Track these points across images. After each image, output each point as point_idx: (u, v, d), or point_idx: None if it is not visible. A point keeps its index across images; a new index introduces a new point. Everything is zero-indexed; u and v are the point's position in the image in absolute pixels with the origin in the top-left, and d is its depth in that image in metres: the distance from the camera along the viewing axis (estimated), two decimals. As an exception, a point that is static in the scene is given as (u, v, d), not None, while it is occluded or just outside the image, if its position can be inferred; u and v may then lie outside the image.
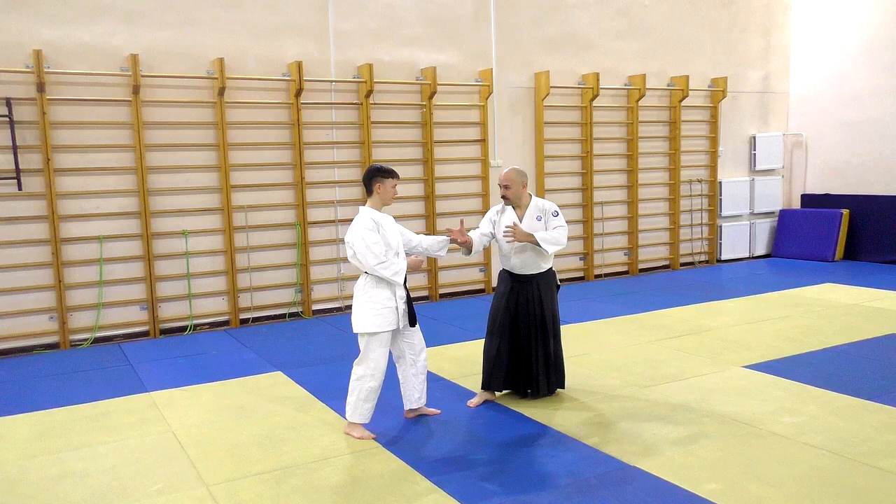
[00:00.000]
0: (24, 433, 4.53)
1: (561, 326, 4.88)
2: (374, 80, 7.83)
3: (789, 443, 3.96)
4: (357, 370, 4.26)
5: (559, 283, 4.91)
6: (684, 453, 3.87)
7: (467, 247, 4.60)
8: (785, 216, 11.09)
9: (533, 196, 4.76)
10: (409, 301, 4.33)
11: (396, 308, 4.23)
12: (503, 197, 4.68)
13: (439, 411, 4.61)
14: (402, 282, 4.24)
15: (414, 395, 4.50)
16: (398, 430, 4.38)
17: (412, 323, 4.34)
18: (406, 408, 4.55)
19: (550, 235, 4.58)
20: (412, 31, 8.29)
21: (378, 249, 4.13)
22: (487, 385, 4.77)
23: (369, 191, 4.33)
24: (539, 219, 4.65)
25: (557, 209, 4.72)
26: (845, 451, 3.82)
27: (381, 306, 4.19)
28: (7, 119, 6.41)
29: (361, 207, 4.33)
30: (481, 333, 6.62)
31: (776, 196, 11.16)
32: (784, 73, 11.14)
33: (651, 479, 3.58)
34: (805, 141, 11.14)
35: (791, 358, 5.57)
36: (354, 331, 4.26)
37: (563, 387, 4.86)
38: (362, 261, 4.15)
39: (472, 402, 4.77)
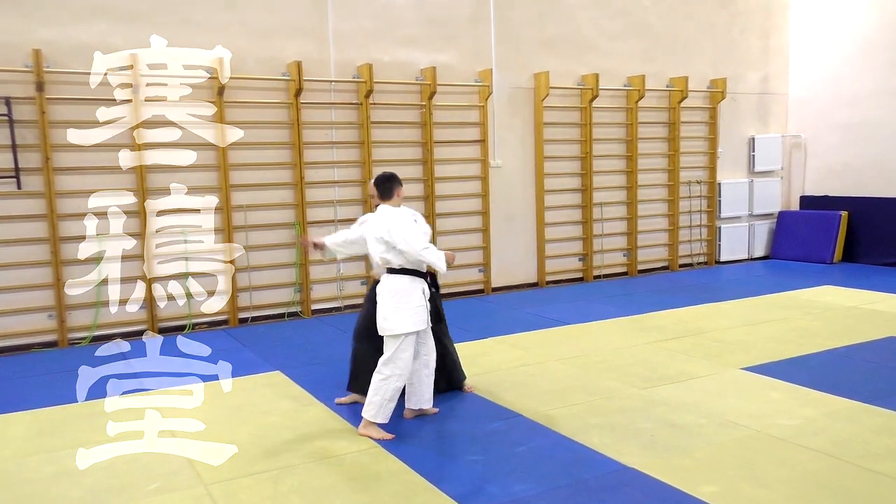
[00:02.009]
0: (22, 431, 4.53)
1: (449, 330, 5.00)
2: (374, 81, 7.83)
3: (787, 445, 3.96)
4: (384, 370, 4.26)
5: (436, 288, 4.57)
6: (682, 455, 3.88)
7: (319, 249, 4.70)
8: (784, 218, 11.10)
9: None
10: (434, 298, 4.48)
11: (426, 306, 4.34)
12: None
13: (437, 409, 4.62)
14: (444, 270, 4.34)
15: (425, 395, 4.54)
16: (396, 429, 4.38)
17: (439, 320, 4.60)
18: (413, 407, 4.56)
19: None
20: (411, 31, 8.29)
21: (423, 235, 4.31)
22: (352, 387, 4.86)
23: (390, 194, 4.43)
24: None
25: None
26: (842, 454, 3.83)
27: (416, 305, 4.26)
28: (6, 118, 6.41)
29: (386, 206, 4.41)
30: (481, 334, 6.69)
31: (775, 197, 11.17)
32: (783, 74, 11.16)
33: (649, 481, 3.58)
34: (804, 142, 11.15)
35: (789, 360, 5.58)
36: (389, 334, 4.25)
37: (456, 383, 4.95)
38: (408, 248, 4.19)
39: (342, 399, 4.88)
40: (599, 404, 4.71)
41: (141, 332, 7.10)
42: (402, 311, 4.23)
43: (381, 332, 4.31)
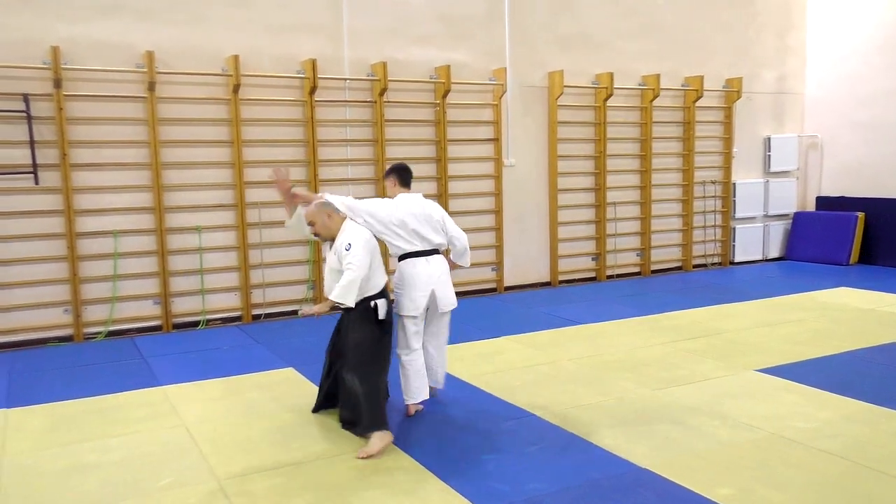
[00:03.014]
0: (38, 424, 4.57)
1: (377, 363, 4.24)
2: (388, 79, 7.83)
3: (802, 448, 3.93)
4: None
5: (378, 315, 4.22)
6: (696, 457, 3.85)
7: (285, 193, 4.42)
8: (799, 218, 11.00)
9: (345, 223, 4.27)
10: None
11: None
12: (314, 234, 4.34)
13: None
14: None
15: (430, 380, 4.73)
16: (408, 427, 4.38)
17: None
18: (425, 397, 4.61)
19: (339, 286, 4.07)
20: (426, 29, 8.29)
21: None
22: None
23: (410, 184, 4.70)
24: (336, 254, 4.20)
25: (350, 243, 4.11)
26: (859, 457, 3.79)
27: None
28: (24, 114, 6.47)
29: (418, 195, 4.62)
30: (493, 332, 6.67)
31: (790, 198, 11.08)
32: (800, 73, 11.06)
33: (663, 483, 3.56)
34: (820, 142, 11.05)
35: (804, 362, 5.53)
36: (453, 307, 4.62)
37: (361, 430, 4.10)
38: (462, 238, 4.70)
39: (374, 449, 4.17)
40: (612, 404, 4.69)
41: (155, 328, 7.19)
42: None
43: (450, 308, 4.58)
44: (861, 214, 10.30)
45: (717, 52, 10.22)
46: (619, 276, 9.75)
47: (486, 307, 7.98)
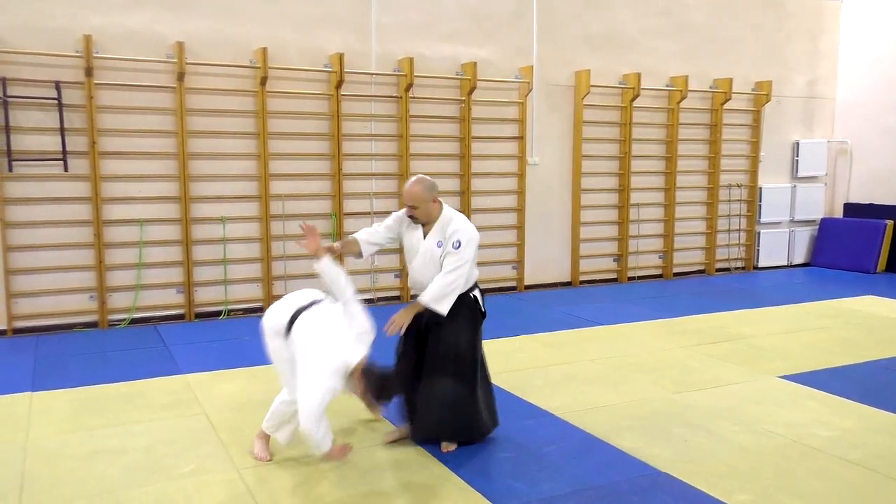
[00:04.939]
0: (63, 408, 4.64)
1: (486, 368, 4.04)
2: (415, 74, 7.83)
3: (824, 456, 3.88)
4: None
5: (482, 310, 4.00)
6: (716, 462, 3.82)
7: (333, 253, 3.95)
8: (826, 225, 10.85)
9: (445, 208, 3.92)
10: None
11: None
12: (410, 216, 3.94)
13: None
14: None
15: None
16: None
17: None
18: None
19: (435, 290, 3.77)
20: (454, 25, 8.28)
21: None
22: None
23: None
24: (439, 245, 3.84)
25: (462, 240, 3.78)
26: (883, 468, 3.74)
27: None
28: (56, 102, 6.57)
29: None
30: (513, 331, 6.66)
31: (818, 204, 10.92)
32: (831, 78, 10.89)
33: (682, 487, 3.54)
34: (850, 148, 10.88)
35: (828, 370, 5.46)
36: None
37: (455, 437, 3.94)
38: None
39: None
40: (632, 406, 4.67)
41: (178, 317, 7.28)
42: None
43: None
44: (890, 222, 10.13)
45: (747, 54, 10.09)
46: (640, 277, 9.68)
47: (505, 305, 7.97)
